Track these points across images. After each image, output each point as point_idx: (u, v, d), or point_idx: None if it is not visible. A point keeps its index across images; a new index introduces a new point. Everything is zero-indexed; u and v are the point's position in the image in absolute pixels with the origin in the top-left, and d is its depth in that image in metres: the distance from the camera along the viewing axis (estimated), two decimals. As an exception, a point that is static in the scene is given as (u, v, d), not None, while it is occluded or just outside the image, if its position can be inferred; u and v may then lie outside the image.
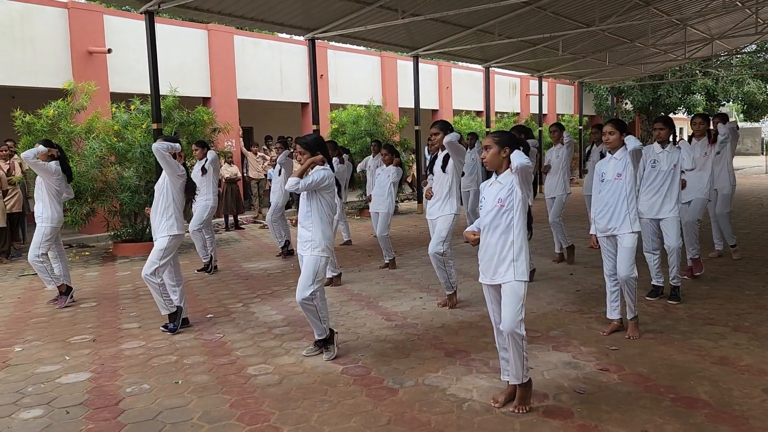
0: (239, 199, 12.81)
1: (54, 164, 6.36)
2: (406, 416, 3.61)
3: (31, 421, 3.71)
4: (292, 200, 12.57)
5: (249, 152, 14.48)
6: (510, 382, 3.70)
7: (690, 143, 6.82)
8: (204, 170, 8.03)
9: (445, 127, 5.85)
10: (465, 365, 4.39)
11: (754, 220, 11.41)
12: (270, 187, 11.32)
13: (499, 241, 3.57)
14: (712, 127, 7.31)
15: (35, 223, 6.47)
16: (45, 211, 6.36)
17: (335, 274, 7.10)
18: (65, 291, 6.53)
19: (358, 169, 10.69)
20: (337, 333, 4.78)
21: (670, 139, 5.80)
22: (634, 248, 4.84)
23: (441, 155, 5.92)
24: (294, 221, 4.66)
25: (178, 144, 5.49)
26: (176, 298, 5.53)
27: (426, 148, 13.03)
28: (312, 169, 4.55)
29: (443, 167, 5.89)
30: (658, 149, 5.73)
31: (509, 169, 3.56)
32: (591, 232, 5.08)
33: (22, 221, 10.25)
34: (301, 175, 4.49)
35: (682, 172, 5.86)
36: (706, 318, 5.36)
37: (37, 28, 11.11)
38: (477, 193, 9.71)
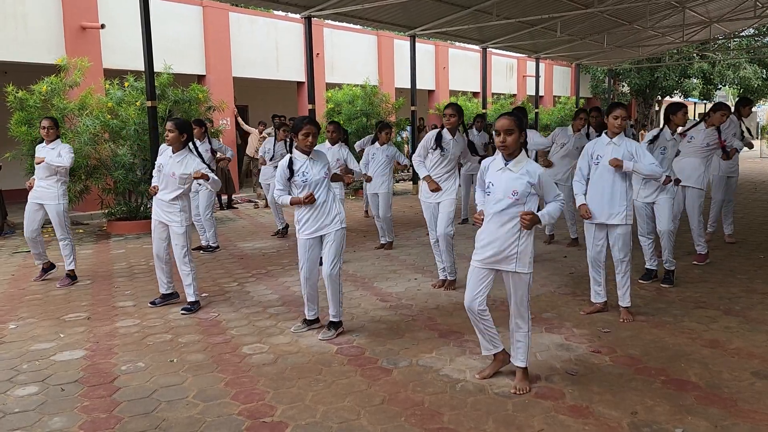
0: (230, 178, 12.74)
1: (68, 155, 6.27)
2: (399, 396, 3.64)
3: (26, 398, 3.72)
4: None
5: (254, 130, 14.21)
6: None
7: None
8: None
9: (460, 112, 5.90)
10: (459, 346, 4.43)
11: (747, 204, 11.46)
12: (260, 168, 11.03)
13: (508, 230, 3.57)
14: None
15: (22, 201, 6.42)
16: (59, 188, 6.33)
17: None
18: (72, 275, 6.51)
19: (361, 166, 9.87)
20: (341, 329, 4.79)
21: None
22: (629, 233, 4.89)
23: (452, 138, 5.85)
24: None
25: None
26: (169, 280, 5.64)
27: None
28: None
29: (471, 151, 5.96)
30: (668, 136, 5.75)
31: (520, 155, 3.55)
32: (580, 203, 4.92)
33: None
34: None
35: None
36: (697, 301, 5.41)
37: (29, 2, 10.93)
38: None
